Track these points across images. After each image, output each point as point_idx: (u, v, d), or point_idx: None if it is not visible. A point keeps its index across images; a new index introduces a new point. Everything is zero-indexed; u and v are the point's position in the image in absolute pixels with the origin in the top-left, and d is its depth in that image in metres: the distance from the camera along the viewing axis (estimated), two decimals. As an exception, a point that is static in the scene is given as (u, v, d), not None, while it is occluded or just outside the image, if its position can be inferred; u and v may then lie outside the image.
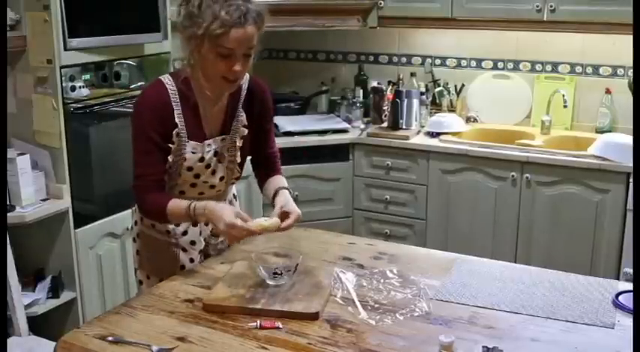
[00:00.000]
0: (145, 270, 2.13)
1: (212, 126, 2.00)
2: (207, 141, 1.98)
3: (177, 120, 1.91)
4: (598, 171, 3.21)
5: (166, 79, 1.93)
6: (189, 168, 1.98)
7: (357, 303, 1.76)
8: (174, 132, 1.92)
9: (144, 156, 1.92)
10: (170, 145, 1.93)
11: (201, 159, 1.98)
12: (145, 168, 1.92)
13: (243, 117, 2.05)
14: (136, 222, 2.15)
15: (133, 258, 2.20)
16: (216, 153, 2.02)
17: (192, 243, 2.10)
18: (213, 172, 2.03)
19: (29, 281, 2.90)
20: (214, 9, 1.75)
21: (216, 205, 1.87)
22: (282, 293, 1.79)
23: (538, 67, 3.83)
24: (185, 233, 2.08)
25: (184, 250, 2.10)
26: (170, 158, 1.94)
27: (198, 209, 1.86)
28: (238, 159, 2.08)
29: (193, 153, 1.96)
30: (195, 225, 2.07)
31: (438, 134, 3.68)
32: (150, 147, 1.90)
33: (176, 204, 1.90)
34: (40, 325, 2.72)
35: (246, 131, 2.05)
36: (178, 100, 1.92)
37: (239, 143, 2.06)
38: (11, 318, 2.44)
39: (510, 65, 3.90)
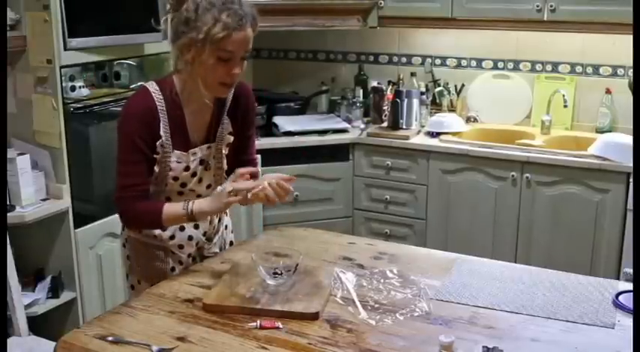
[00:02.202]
0: (136, 275, 2.12)
1: (197, 134, 1.98)
2: (192, 151, 1.96)
3: (162, 129, 1.89)
4: (598, 171, 3.21)
5: (152, 87, 1.90)
6: (175, 178, 1.97)
7: (357, 303, 1.76)
8: (159, 142, 1.89)
9: (132, 166, 1.90)
10: (155, 156, 1.91)
11: (187, 168, 1.97)
12: (134, 179, 1.90)
13: (228, 124, 2.02)
14: (123, 227, 2.14)
15: (124, 263, 2.18)
16: (202, 162, 2.00)
17: (180, 246, 2.09)
18: (200, 180, 2.02)
19: (29, 281, 2.90)
20: (214, 13, 1.74)
21: (208, 198, 1.92)
22: (282, 293, 1.79)
23: (538, 67, 3.83)
24: (172, 237, 2.07)
25: (173, 253, 2.08)
26: (156, 168, 1.93)
27: (196, 208, 1.87)
28: (225, 167, 2.07)
29: (178, 162, 1.94)
30: (196, 226, 2.07)
31: (438, 134, 3.68)
32: (138, 158, 1.88)
33: (171, 207, 1.90)
34: (40, 325, 2.72)
35: (232, 138, 2.04)
36: (165, 109, 1.89)
37: (225, 151, 2.04)
38: (11, 318, 2.44)
39: (510, 65, 3.90)
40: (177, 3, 1.80)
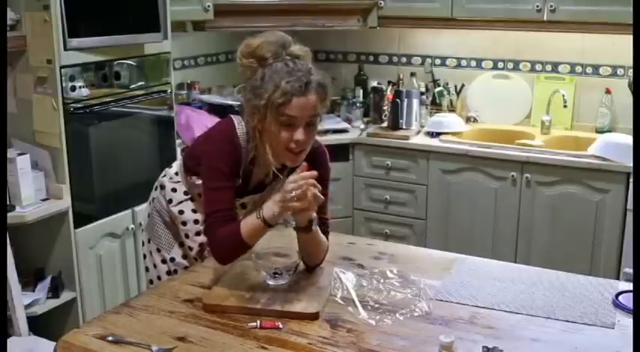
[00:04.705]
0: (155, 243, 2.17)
1: (254, 182, 1.99)
2: (240, 200, 1.97)
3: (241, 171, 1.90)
4: (598, 171, 3.21)
5: (239, 129, 1.89)
6: None
7: (357, 303, 1.76)
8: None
9: (215, 193, 1.86)
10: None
11: None
12: (223, 204, 1.85)
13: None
14: (149, 215, 2.22)
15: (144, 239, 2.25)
16: (243, 205, 2.02)
17: (187, 236, 2.14)
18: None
19: (29, 281, 2.90)
20: (275, 80, 1.76)
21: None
22: (282, 293, 1.79)
23: (538, 67, 3.83)
24: (185, 223, 2.12)
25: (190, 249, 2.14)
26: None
27: (267, 213, 1.77)
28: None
29: None
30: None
31: (438, 134, 3.68)
32: (226, 184, 1.86)
33: (246, 223, 1.80)
34: (40, 325, 2.72)
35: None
36: (242, 155, 1.89)
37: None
38: (11, 318, 2.44)
39: (510, 65, 3.90)
40: (250, 72, 1.82)
